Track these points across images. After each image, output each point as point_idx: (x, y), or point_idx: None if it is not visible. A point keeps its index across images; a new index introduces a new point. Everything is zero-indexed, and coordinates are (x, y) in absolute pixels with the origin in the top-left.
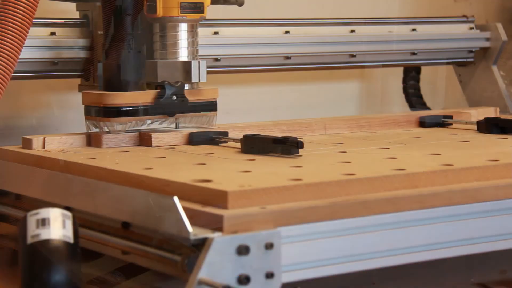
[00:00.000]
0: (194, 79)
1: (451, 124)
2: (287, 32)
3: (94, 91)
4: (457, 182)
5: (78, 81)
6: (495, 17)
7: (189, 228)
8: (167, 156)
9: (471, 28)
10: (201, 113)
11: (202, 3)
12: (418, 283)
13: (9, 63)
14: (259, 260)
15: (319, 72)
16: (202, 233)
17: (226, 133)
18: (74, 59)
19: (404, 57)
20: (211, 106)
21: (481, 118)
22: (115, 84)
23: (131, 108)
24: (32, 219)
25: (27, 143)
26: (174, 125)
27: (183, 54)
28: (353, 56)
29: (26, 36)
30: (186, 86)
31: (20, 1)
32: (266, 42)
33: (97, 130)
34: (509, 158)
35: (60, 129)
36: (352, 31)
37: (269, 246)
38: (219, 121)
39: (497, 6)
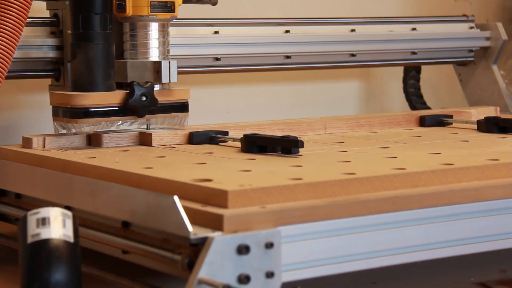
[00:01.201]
0: (165, 79)
1: (451, 123)
2: (287, 31)
3: (61, 92)
4: (457, 181)
5: (49, 81)
6: (495, 16)
7: (189, 227)
8: (167, 155)
9: (471, 28)
10: (172, 114)
11: (173, 2)
12: (418, 282)
13: (4, 62)
14: (259, 260)
15: (319, 72)
16: (202, 232)
17: (226, 133)
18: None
19: (404, 56)
20: (182, 107)
21: (481, 117)
22: (83, 84)
23: (99, 109)
24: (32, 218)
25: (27, 143)
26: (145, 126)
27: (153, 54)
28: (353, 55)
29: (20, 35)
30: (157, 87)
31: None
32: (266, 42)
33: (64, 131)
34: (509, 157)
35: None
36: (352, 30)
37: (269, 245)
38: (219, 120)
39: (497, 6)
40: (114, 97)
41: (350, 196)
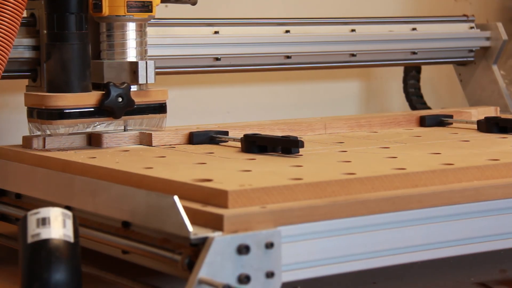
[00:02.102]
0: (141, 80)
1: (451, 123)
2: (287, 31)
3: (36, 92)
4: (457, 181)
5: (27, 81)
6: (495, 16)
7: (190, 227)
8: (168, 155)
9: (472, 28)
10: (150, 115)
11: (151, 2)
12: (418, 282)
13: (0, 61)
14: (259, 260)
15: (319, 72)
16: (202, 232)
17: (226, 133)
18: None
19: (405, 56)
20: (160, 108)
21: (481, 117)
22: (58, 85)
23: (74, 110)
24: (32, 218)
25: (28, 143)
26: (122, 128)
27: (131, 55)
28: (353, 55)
29: (15, 34)
30: (134, 88)
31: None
32: (266, 42)
33: (39, 133)
34: (509, 157)
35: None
36: (353, 30)
37: (269, 245)
38: (219, 120)
39: (497, 6)
40: (90, 98)
41: (350, 196)
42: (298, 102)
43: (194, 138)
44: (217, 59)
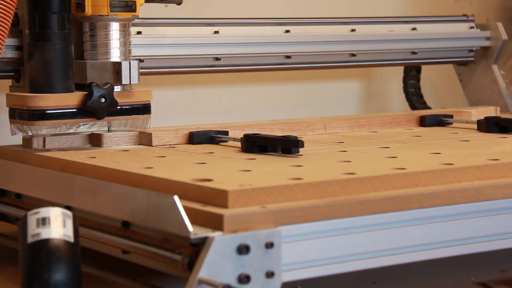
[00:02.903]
0: (125, 80)
1: (451, 123)
2: (287, 31)
3: (18, 93)
4: (457, 181)
5: (10, 82)
6: (495, 16)
7: (190, 227)
8: (168, 155)
9: (472, 27)
10: (133, 116)
11: (134, 2)
12: (418, 282)
13: None
14: (259, 260)
15: (319, 71)
16: (202, 232)
17: (226, 132)
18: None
19: (405, 56)
20: (144, 109)
21: (481, 117)
22: (40, 85)
23: (56, 111)
24: (32, 218)
25: (28, 143)
26: (106, 128)
27: (114, 55)
28: (353, 55)
29: (6, 34)
30: (118, 88)
31: None
32: (266, 41)
33: (21, 134)
34: (509, 157)
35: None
36: (352, 30)
37: (269, 245)
38: (219, 120)
39: (497, 5)
40: (72, 99)
41: (350, 196)
42: (298, 102)
43: (194, 138)
44: (217, 59)
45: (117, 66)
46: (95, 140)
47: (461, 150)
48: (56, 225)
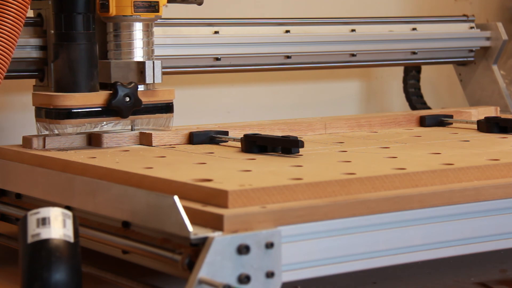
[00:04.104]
0: (148, 80)
1: (451, 123)
2: (287, 31)
3: (44, 92)
4: (457, 181)
5: (34, 81)
6: (496, 16)
7: (190, 227)
8: (168, 155)
9: (472, 28)
10: (157, 115)
11: (157, 2)
12: (418, 282)
13: (3, 62)
14: (259, 260)
15: (319, 72)
16: (202, 232)
17: (226, 133)
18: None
19: (405, 56)
20: (167, 108)
21: (482, 117)
22: (66, 85)
23: (82, 110)
24: (32, 218)
25: (27, 143)
26: (129, 127)
27: (137, 54)
28: (353, 55)
29: (19, 34)
30: (141, 87)
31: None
32: (266, 42)
33: (47, 132)
34: (509, 157)
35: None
36: (353, 30)
37: (269, 245)
38: (219, 120)
39: (497, 6)
40: (97, 98)
41: (350, 196)
42: (298, 102)
43: (194, 138)
44: (217, 59)
45: (141, 66)
46: (95, 140)
47: (461, 150)
48: (56, 225)
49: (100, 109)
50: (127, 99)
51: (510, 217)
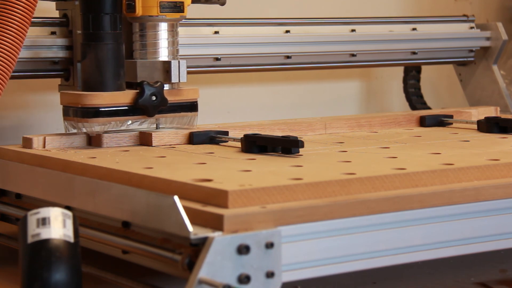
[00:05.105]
0: (174, 79)
1: (451, 123)
2: (287, 31)
3: (72, 91)
4: (457, 181)
5: (59, 81)
6: (496, 16)
7: (190, 227)
8: (168, 155)
9: (472, 28)
10: (182, 113)
11: (182, 2)
12: (418, 282)
13: (9, 62)
14: (259, 260)
15: (319, 72)
16: (202, 232)
17: (226, 133)
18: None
19: (405, 56)
20: (191, 107)
21: (482, 117)
22: (93, 84)
23: (109, 109)
24: (32, 218)
25: (28, 143)
26: (154, 126)
27: (163, 54)
28: (353, 55)
29: (25, 35)
30: (166, 87)
31: (19, 0)
32: (266, 42)
33: (75, 130)
34: (509, 157)
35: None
36: (353, 30)
37: (269, 245)
38: (219, 120)
39: (497, 6)
40: (124, 97)
41: (350, 196)
42: (298, 102)
43: (194, 138)
44: (217, 59)
45: (166, 65)
46: (95, 140)
47: (461, 150)
48: (56, 225)
49: (127, 108)
50: (154, 98)
51: (510, 217)
